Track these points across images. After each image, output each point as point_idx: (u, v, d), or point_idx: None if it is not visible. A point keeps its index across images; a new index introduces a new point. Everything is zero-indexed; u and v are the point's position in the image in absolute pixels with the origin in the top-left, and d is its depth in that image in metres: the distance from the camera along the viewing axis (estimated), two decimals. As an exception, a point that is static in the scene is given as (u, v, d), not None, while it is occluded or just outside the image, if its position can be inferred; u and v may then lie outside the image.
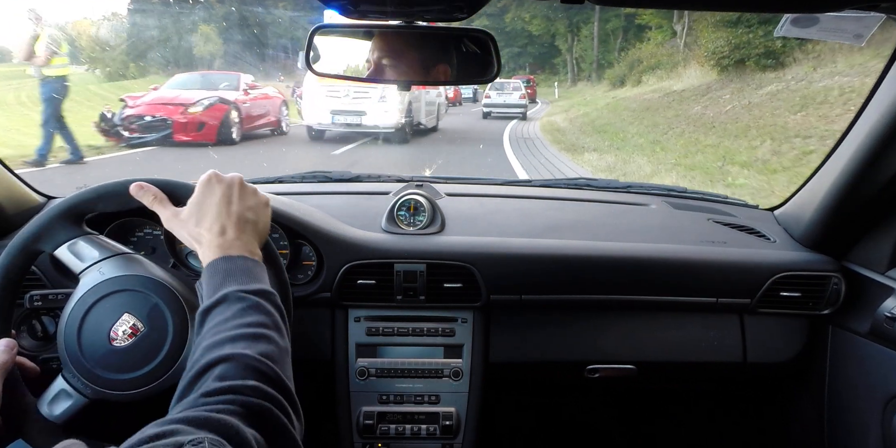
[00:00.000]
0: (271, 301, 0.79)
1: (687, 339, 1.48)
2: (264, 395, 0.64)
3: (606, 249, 1.41)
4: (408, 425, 1.37)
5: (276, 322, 0.77)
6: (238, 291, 0.77)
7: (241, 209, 0.87)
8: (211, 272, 0.80)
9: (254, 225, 0.88)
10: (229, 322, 0.73)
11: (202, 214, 0.85)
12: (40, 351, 1.09)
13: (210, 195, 0.86)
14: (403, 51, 1.06)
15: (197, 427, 0.55)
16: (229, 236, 0.84)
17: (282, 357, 0.72)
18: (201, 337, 0.73)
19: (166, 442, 0.52)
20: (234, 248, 0.82)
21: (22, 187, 1.40)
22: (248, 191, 0.89)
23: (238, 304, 0.76)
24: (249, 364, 0.67)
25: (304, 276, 1.38)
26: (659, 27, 26.19)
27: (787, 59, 12.44)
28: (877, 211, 1.31)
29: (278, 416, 0.63)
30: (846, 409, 1.42)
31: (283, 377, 0.69)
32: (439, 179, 1.77)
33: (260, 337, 0.72)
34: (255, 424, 0.60)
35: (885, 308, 1.26)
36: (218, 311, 0.75)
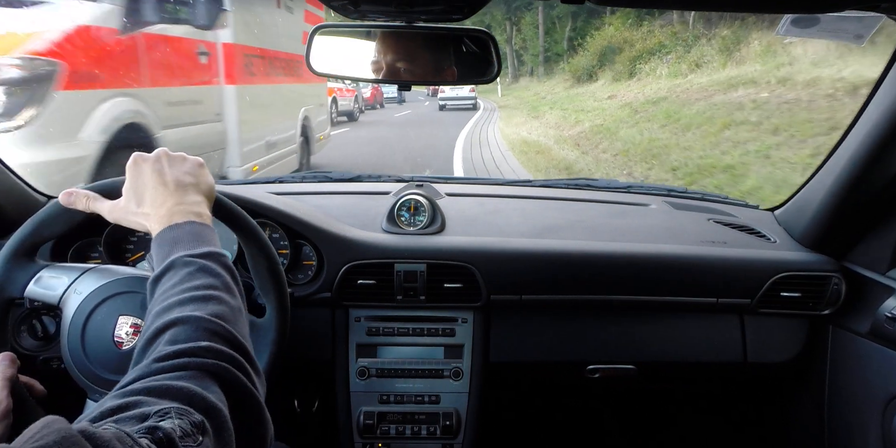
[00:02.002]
0: (220, 262, 0.77)
1: (687, 339, 1.48)
2: (219, 354, 0.62)
3: (607, 249, 1.41)
4: (408, 425, 1.37)
5: (227, 282, 0.75)
6: (185, 256, 0.75)
7: (177, 175, 0.85)
8: (159, 243, 0.79)
9: (195, 187, 0.86)
10: (177, 286, 0.71)
11: (140, 194, 0.84)
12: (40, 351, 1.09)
13: (140, 175, 0.85)
14: (401, 55, 1.06)
15: (158, 397, 0.54)
16: (171, 203, 0.82)
17: (235, 316, 0.71)
18: (151, 305, 0.72)
19: (130, 414, 0.51)
20: (178, 215, 0.80)
21: (22, 187, 1.40)
22: (176, 158, 0.88)
23: (185, 268, 0.74)
24: (200, 325, 0.65)
25: (304, 276, 1.38)
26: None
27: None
28: (877, 211, 1.31)
29: (237, 375, 0.62)
30: (846, 409, 1.42)
31: (237, 336, 0.67)
32: (439, 179, 1.77)
33: (210, 298, 0.70)
34: (215, 385, 0.59)
35: (886, 308, 1.26)
36: (166, 278, 0.74)
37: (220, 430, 0.55)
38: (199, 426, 0.52)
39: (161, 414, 0.51)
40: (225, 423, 0.56)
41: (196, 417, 0.53)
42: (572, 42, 28.04)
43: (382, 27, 1.05)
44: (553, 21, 31.68)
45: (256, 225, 1.03)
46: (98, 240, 1.31)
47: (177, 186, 0.84)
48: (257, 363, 0.68)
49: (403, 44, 1.06)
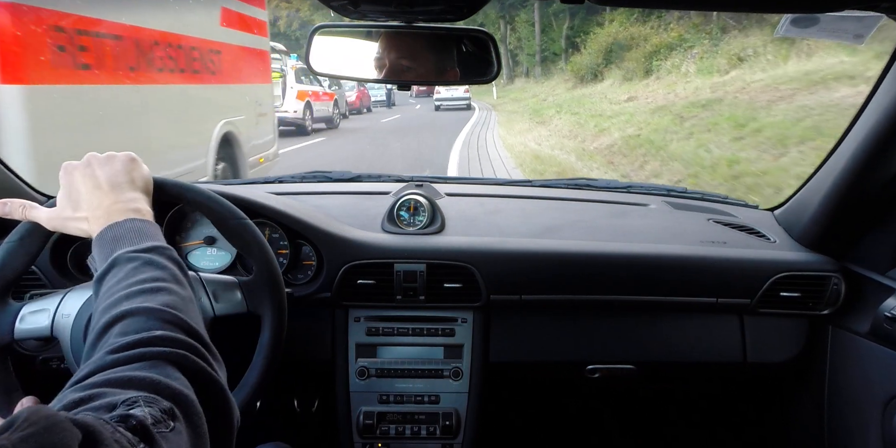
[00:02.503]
0: (166, 255, 0.76)
1: (687, 339, 1.48)
2: (175, 342, 0.61)
3: (606, 249, 1.41)
4: (408, 425, 1.37)
5: (174, 274, 0.74)
6: (127, 252, 0.74)
7: (108, 175, 0.84)
8: (100, 243, 0.78)
9: (129, 184, 0.85)
10: (122, 282, 0.70)
11: (75, 200, 0.84)
12: (40, 351, 1.09)
13: (72, 182, 0.85)
14: (401, 55, 1.06)
15: (122, 388, 0.53)
16: (107, 203, 0.81)
17: (186, 305, 0.69)
18: (97, 303, 0.70)
19: (97, 404, 0.50)
20: (116, 214, 0.80)
21: (22, 187, 1.40)
22: (105, 159, 0.87)
23: (129, 264, 0.72)
24: (152, 315, 0.64)
25: (304, 276, 1.38)
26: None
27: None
28: (877, 211, 1.31)
29: (195, 360, 0.61)
30: (846, 409, 1.42)
31: (191, 323, 0.66)
32: (439, 179, 1.77)
33: (158, 290, 0.69)
34: (175, 372, 0.58)
35: (885, 308, 1.26)
36: (110, 275, 0.72)
37: (190, 414, 0.55)
38: (169, 412, 0.52)
39: (129, 403, 0.50)
40: (194, 407, 0.55)
41: (164, 404, 0.52)
42: (570, 40, 26.57)
43: (382, 27, 1.05)
44: (550, 19, 29.22)
45: (205, 190, 1.02)
46: None
47: (111, 186, 0.83)
48: (214, 349, 0.67)
49: (408, 42, 1.07)
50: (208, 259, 1.35)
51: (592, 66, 19.93)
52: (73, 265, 1.29)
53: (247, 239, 1.03)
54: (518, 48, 33.45)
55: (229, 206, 1.03)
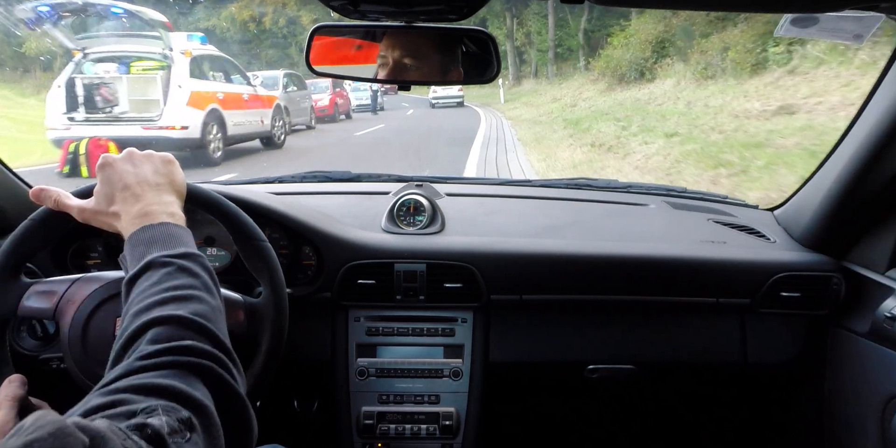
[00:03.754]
0: (198, 262, 0.76)
1: (687, 340, 1.48)
2: (202, 353, 0.62)
3: (606, 249, 1.41)
4: (408, 425, 1.37)
5: (206, 283, 0.74)
6: (161, 257, 0.74)
7: (145, 175, 0.85)
8: (133, 243, 0.78)
9: (166, 186, 0.85)
10: (155, 287, 0.71)
11: (110, 195, 0.84)
12: (40, 351, 1.09)
13: (109, 176, 0.85)
14: (401, 55, 1.06)
15: (145, 395, 0.54)
16: (142, 204, 0.81)
17: (215, 315, 0.70)
18: (128, 305, 0.71)
19: (117, 411, 0.51)
20: (151, 216, 0.80)
21: (22, 187, 1.40)
22: (144, 157, 0.87)
23: (163, 269, 0.73)
24: (183, 324, 0.65)
25: (303, 276, 1.38)
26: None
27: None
28: (877, 211, 1.31)
29: (220, 373, 0.62)
30: (846, 410, 1.42)
31: (218, 334, 0.67)
32: (439, 179, 1.77)
33: (190, 298, 0.70)
34: (199, 383, 0.59)
35: (885, 308, 1.26)
36: (143, 278, 0.73)
37: (208, 426, 0.55)
38: (187, 423, 0.52)
39: (148, 411, 0.51)
40: (212, 419, 0.56)
41: (183, 414, 0.53)
42: (590, 35, 23.09)
43: (382, 27, 1.05)
44: (565, 11, 24.62)
45: (234, 206, 1.02)
46: (97, 241, 1.31)
47: (147, 186, 0.83)
48: (238, 361, 0.67)
49: (411, 42, 1.06)
50: (208, 259, 1.34)
51: (635, 63, 15.11)
52: (73, 264, 1.29)
53: (264, 262, 1.03)
54: (526, 44, 28.88)
55: (254, 225, 1.03)
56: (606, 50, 18.07)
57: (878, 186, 1.25)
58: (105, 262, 1.31)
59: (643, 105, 12.46)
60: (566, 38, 25.81)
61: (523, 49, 29.63)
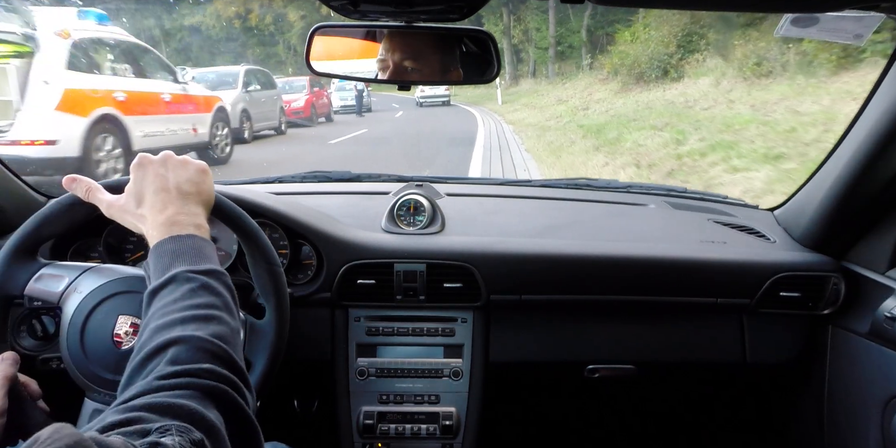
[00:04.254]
0: (221, 281, 0.77)
1: (687, 339, 1.48)
2: (219, 377, 0.63)
3: (606, 250, 1.41)
4: (408, 425, 1.37)
5: (227, 302, 0.75)
6: (186, 271, 0.74)
7: (178, 182, 0.85)
8: (158, 253, 0.78)
9: (196, 196, 0.86)
10: (178, 303, 0.71)
11: (140, 196, 0.84)
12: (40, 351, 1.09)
13: (143, 176, 0.85)
14: (401, 55, 1.06)
15: (160, 414, 0.55)
16: (171, 211, 0.81)
17: (233, 338, 0.71)
18: (148, 318, 0.71)
19: (131, 429, 0.51)
20: (178, 226, 0.80)
21: (22, 187, 1.40)
22: (179, 163, 0.88)
23: (187, 284, 0.73)
24: (202, 346, 0.66)
25: (304, 276, 1.37)
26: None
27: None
28: (876, 211, 1.31)
29: (234, 397, 0.63)
30: (846, 409, 1.42)
31: (235, 358, 0.68)
32: (439, 179, 1.77)
33: (211, 318, 0.70)
34: (213, 406, 0.60)
35: (885, 308, 1.26)
36: (166, 291, 0.73)
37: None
38: (199, 444, 0.53)
39: (162, 430, 0.52)
40: (223, 443, 0.57)
41: (196, 435, 0.54)
42: (593, 31, 21.95)
43: (382, 27, 1.05)
44: (566, 7, 18.57)
45: (256, 225, 1.03)
46: (97, 240, 1.31)
47: (178, 193, 0.84)
48: (251, 384, 0.69)
49: (411, 43, 1.07)
50: None
51: (659, 59, 13.28)
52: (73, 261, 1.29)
53: (274, 286, 1.03)
54: (524, 42, 27.15)
55: (271, 248, 1.04)
56: (617, 46, 16.29)
57: (878, 186, 1.25)
58: (105, 262, 1.31)
59: (681, 109, 10.36)
60: (568, 34, 24.25)
61: (521, 47, 27.84)
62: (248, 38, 33.62)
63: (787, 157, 6.15)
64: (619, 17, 19.21)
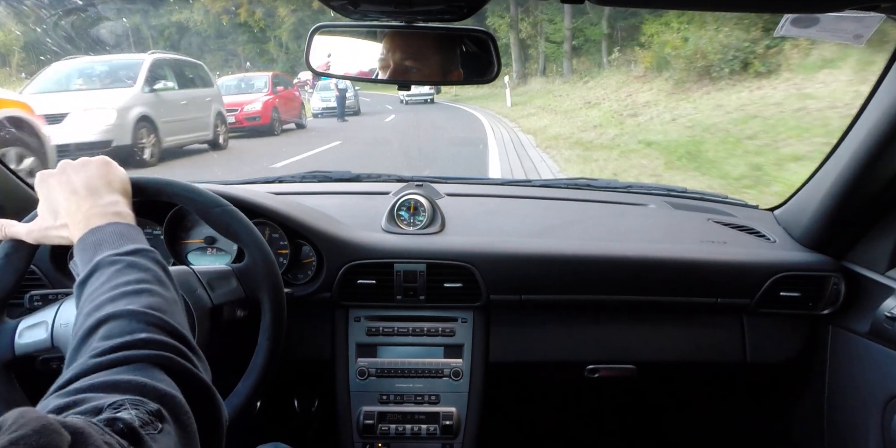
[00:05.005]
0: (149, 257, 0.75)
1: (687, 339, 1.48)
2: (159, 344, 0.61)
3: (606, 250, 1.41)
4: (408, 425, 1.37)
5: (157, 276, 0.73)
6: (109, 256, 0.73)
7: (84, 180, 0.84)
8: (81, 247, 0.77)
9: (107, 187, 0.85)
10: (105, 285, 0.70)
11: (54, 208, 0.84)
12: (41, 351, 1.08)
13: (49, 190, 0.85)
14: (401, 55, 1.06)
15: (106, 393, 0.52)
16: (85, 208, 0.81)
17: (170, 307, 0.69)
18: (80, 307, 0.70)
19: (82, 409, 0.50)
20: (95, 218, 0.79)
21: (22, 188, 1.40)
22: (79, 165, 0.87)
23: (112, 267, 0.72)
24: (135, 317, 0.64)
25: (304, 276, 1.38)
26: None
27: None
28: (877, 211, 1.31)
29: (180, 362, 0.61)
30: (846, 409, 1.42)
31: (174, 324, 0.66)
32: (439, 179, 1.77)
33: (141, 292, 0.69)
34: (161, 374, 0.58)
35: (885, 308, 1.26)
36: (93, 279, 0.72)
37: (178, 415, 0.55)
38: (157, 414, 0.52)
39: (115, 406, 0.50)
40: (182, 408, 0.55)
41: (152, 406, 0.52)
42: (614, 23, 19.16)
43: (382, 27, 1.05)
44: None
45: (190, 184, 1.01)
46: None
47: (88, 191, 0.83)
48: (199, 349, 0.67)
49: (412, 43, 1.07)
50: (208, 259, 1.35)
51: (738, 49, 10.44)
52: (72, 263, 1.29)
53: (233, 226, 1.02)
54: (534, 36, 23.85)
55: (210, 195, 1.02)
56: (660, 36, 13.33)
57: (878, 186, 1.25)
58: None
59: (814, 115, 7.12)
60: (585, 27, 20.66)
61: (529, 42, 24.56)
62: (237, 34, 32.47)
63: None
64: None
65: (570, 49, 21.62)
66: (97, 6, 13.30)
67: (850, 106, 6.82)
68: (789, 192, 1.53)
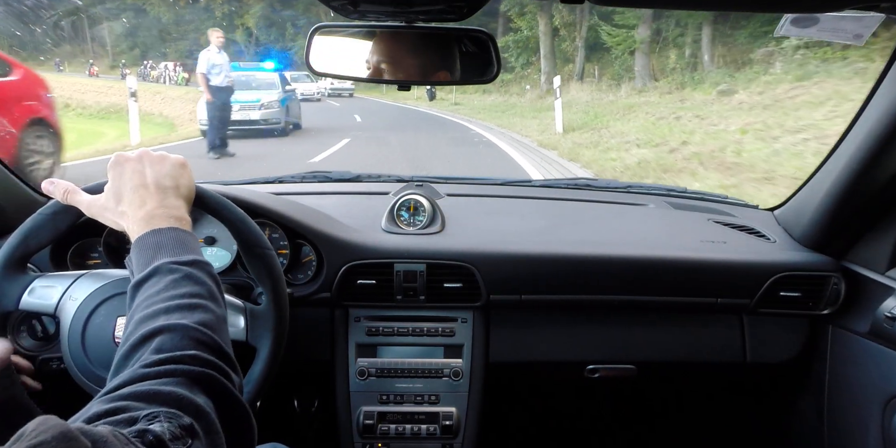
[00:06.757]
0: (205, 270, 0.77)
1: (687, 339, 1.48)
2: (205, 362, 0.63)
3: (606, 250, 1.41)
4: (408, 425, 1.37)
5: (211, 291, 0.75)
6: (169, 263, 0.74)
7: (156, 177, 0.85)
8: (140, 246, 0.78)
9: (175, 190, 0.86)
10: (161, 294, 0.71)
11: (119, 193, 0.84)
12: (40, 351, 1.09)
13: (121, 174, 0.85)
14: (401, 55, 1.06)
15: (147, 402, 0.54)
16: (150, 206, 0.82)
17: (219, 325, 0.71)
18: (133, 310, 0.71)
19: (119, 418, 0.51)
20: (159, 219, 0.80)
21: (22, 187, 1.40)
22: (157, 158, 0.88)
23: (170, 275, 0.73)
24: (187, 333, 0.66)
25: (304, 276, 1.38)
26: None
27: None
28: (876, 211, 1.31)
29: (223, 382, 0.62)
30: (846, 409, 1.42)
31: (221, 344, 0.68)
32: (439, 179, 1.77)
33: (195, 307, 0.70)
34: (201, 392, 0.59)
35: (885, 308, 1.26)
36: (149, 283, 0.73)
37: (210, 432, 0.56)
38: (189, 429, 0.53)
39: (150, 417, 0.51)
40: (214, 426, 0.56)
41: (185, 421, 0.53)
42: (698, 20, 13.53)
43: (382, 27, 1.05)
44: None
45: (242, 213, 1.02)
46: (97, 240, 1.31)
47: (157, 188, 0.84)
48: (239, 369, 0.68)
49: (408, 43, 1.07)
50: (208, 259, 1.35)
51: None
52: (72, 264, 1.29)
53: (267, 270, 1.03)
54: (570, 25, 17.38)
55: (259, 233, 1.03)
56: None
57: (878, 186, 1.25)
58: (105, 262, 1.31)
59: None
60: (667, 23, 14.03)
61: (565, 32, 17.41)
62: (200, 21, 29.19)
63: None
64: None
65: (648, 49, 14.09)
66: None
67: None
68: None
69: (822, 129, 6.89)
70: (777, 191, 5.51)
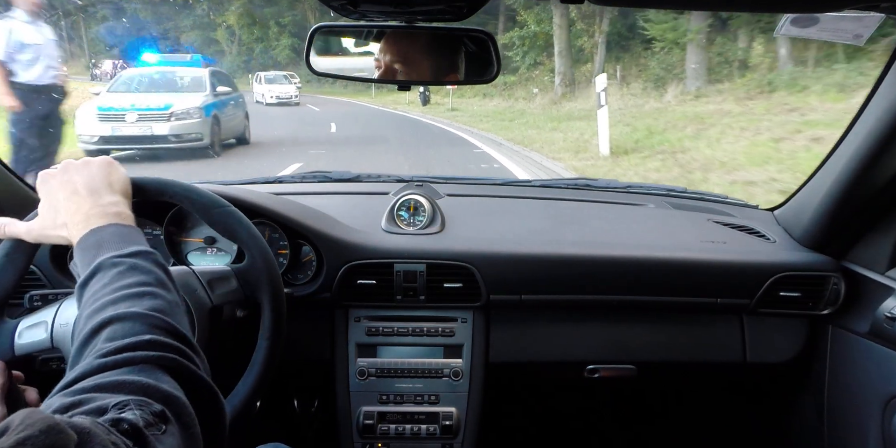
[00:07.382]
0: (150, 259, 0.75)
1: (687, 339, 1.48)
2: (164, 345, 0.61)
3: (606, 250, 1.41)
4: (408, 425, 1.37)
5: (160, 278, 0.73)
6: (111, 257, 0.73)
7: (86, 181, 0.84)
8: (82, 248, 0.77)
9: (108, 188, 0.84)
10: (107, 287, 0.70)
11: (55, 207, 0.83)
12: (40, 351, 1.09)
13: (51, 189, 0.84)
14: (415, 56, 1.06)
15: (111, 392, 0.53)
16: (85, 208, 0.80)
17: (172, 309, 0.69)
18: (81, 309, 0.70)
19: (87, 409, 0.50)
20: (96, 218, 0.79)
21: (22, 187, 1.40)
22: (81, 165, 0.87)
23: (113, 269, 0.72)
24: (139, 319, 0.64)
25: (304, 276, 1.38)
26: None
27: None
28: (876, 211, 1.31)
29: (184, 364, 0.61)
30: (846, 409, 1.42)
31: (177, 326, 0.66)
32: (439, 179, 1.77)
33: (143, 295, 0.69)
34: (165, 376, 0.58)
35: (885, 308, 1.26)
36: (94, 280, 0.72)
37: (182, 416, 0.55)
38: (160, 415, 0.52)
39: (120, 406, 0.50)
40: (185, 409, 0.56)
41: (156, 407, 0.52)
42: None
43: (382, 27, 1.05)
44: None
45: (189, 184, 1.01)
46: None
47: (89, 191, 0.82)
48: (200, 351, 0.67)
49: (411, 43, 1.07)
50: (208, 259, 1.35)
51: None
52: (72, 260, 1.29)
53: (233, 226, 1.02)
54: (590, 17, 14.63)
55: (210, 195, 1.01)
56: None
57: (878, 186, 1.25)
58: None
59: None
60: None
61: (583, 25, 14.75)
62: (180, 19, 28.45)
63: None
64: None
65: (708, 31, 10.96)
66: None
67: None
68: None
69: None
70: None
